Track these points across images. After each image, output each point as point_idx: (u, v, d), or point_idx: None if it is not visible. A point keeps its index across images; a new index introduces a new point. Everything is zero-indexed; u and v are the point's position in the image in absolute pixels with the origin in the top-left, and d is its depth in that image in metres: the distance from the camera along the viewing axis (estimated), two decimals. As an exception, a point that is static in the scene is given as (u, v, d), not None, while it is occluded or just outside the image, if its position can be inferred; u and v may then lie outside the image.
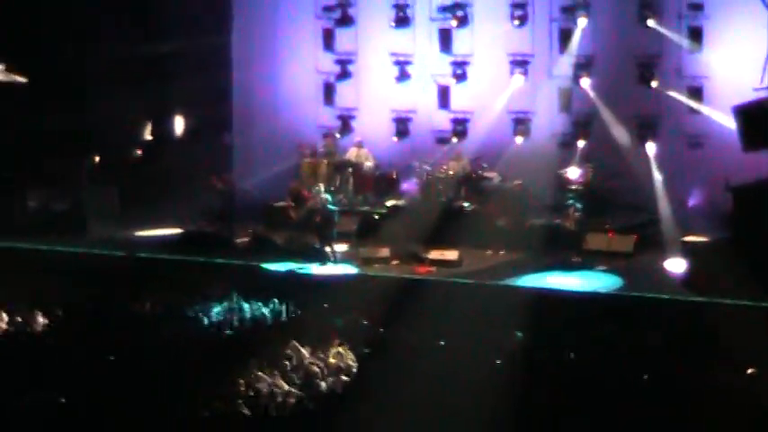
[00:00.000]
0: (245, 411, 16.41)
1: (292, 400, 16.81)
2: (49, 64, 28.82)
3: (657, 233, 26.24)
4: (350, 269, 25.55)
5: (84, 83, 29.66)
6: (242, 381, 17.24)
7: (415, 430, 15.65)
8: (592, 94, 28.01)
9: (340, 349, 18.55)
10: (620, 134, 27.65)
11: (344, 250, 26.47)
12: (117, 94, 29.63)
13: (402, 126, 29.75)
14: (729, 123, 24.39)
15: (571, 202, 26.70)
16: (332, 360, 18.09)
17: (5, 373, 17.93)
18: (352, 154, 29.36)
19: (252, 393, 16.94)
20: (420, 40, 29.58)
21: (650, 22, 27.40)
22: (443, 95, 29.46)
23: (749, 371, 17.08)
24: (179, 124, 31.26)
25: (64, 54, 28.88)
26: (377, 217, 28.00)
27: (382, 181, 29.19)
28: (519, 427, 15.56)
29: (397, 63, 29.63)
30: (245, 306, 21.48)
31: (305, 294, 22.62)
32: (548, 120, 28.67)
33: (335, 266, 25.69)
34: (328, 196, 26.79)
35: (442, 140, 29.49)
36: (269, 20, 30.48)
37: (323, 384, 17.42)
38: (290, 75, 30.67)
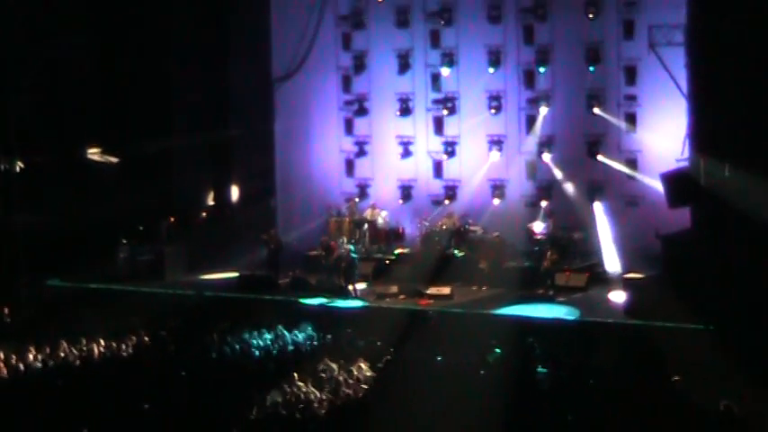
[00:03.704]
0: (284, 412, 16.54)
1: (325, 404, 16.96)
2: (137, 149, 29.08)
3: (604, 272, 26.32)
4: (367, 303, 25.67)
5: (164, 163, 29.92)
6: (287, 389, 17.35)
7: (421, 423, 15.79)
8: (552, 165, 28.15)
9: (361, 364, 18.65)
10: (575, 196, 27.81)
11: (363, 288, 26.59)
12: (188, 170, 29.95)
13: (406, 192, 29.75)
14: (658, 186, 24.45)
15: (537, 249, 26.73)
16: (354, 373, 18.18)
17: (103, 385, 18.12)
18: (368, 213, 29.40)
19: (294, 399, 17.08)
20: (419, 126, 29.65)
21: (596, 110, 27.53)
22: (438, 168, 29.51)
23: (674, 378, 17.17)
24: (235, 192, 31.43)
25: (149, 140, 29.12)
26: (388, 262, 28.07)
27: (392, 234, 29.23)
28: (501, 421, 15.71)
29: (402, 143, 29.67)
30: (287, 332, 21.58)
31: (333, 322, 22.79)
32: (518, 186, 28.73)
33: (356, 301, 25.84)
34: (351, 247, 27.04)
35: (437, 202, 29.45)
36: (303, 112, 30.66)
37: (348, 392, 17.54)
38: (320, 154, 30.77)
